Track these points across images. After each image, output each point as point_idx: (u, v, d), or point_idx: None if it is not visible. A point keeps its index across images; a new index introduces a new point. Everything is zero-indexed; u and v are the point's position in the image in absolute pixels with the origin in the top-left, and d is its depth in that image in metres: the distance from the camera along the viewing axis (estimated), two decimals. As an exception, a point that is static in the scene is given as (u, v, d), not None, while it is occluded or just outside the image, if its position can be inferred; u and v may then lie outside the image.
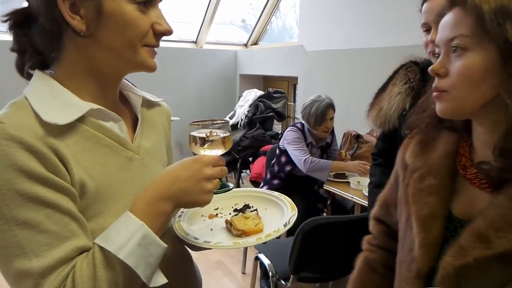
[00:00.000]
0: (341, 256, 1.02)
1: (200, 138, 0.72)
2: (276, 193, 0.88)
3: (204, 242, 0.71)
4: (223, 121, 0.74)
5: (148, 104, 0.83)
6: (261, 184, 3.01)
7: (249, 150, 4.08)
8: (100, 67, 0.67)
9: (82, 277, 0.58)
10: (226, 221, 0.79)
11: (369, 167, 2.58)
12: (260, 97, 4.36)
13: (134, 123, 0.78)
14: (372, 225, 1.03)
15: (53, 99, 0.63)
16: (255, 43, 5.40)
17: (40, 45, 0.65)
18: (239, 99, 4.68)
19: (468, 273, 0.66)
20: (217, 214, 0.84)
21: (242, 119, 4.24)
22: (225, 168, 0.71)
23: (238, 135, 4.16)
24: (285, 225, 0.74)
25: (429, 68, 0.70)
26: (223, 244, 0.71)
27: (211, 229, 0.79)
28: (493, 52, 0.63)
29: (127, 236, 0.60)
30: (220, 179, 0.71)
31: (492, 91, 0.65)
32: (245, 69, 5.24)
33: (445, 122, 0.80)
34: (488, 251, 0.64)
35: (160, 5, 0.69)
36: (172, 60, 4.84)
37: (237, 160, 4.14)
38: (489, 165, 0.70)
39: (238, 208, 0.85)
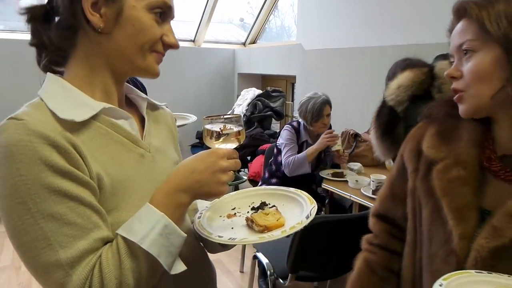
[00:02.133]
0: (339, 255, 1.02)
1: (215, 132, 0.75)
2: (292, 189, 0.88)
3: (229, 239, 0.72)
4: (236, 116, 0.77)
5: (152, 107, 0.87)
6: (260, 183, 3.01)
7: (248, 149, 4.07)
8: (109, 65, 0.71)
9: (109, 266, 0.61)
10: (247, 219, 0.79)
11: (333, 133, 2.65)
12: (258, 96, 4.36)
13: (141, 123, 0.82)
14: (372, 223, 1.01)
15: (67, 99, 0.67)
16: (254, 42, 5.39)
17: (56, 40, 0.69)
18: (237, 98, 4.67)
19: (502, 254, 0.68)
20: (235, 214, 0.85)
21: (240, 118, 4.24)
22: (239, 160, 0.75)
23: (236, 134, 4.15)
24: (307, 217, 0.75)
25: (445, 73, 0.79)
26: (249, 239, 0.73)
27: (232, 228, 0.80)
28: (497, 49, 0.71)
29: (149, 226, 0.63)
30: (234, 171, 0.74)
31: (503, 84, 0.72)
32: (244, 68, 5.24)
33: None
34: None
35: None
36: (170, 59, 4.80)
37: (235, 159, 4.13)
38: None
39: (255, 206, 0.85)
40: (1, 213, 0.60)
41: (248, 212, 0.84)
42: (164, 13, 0.72)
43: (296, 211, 0.81)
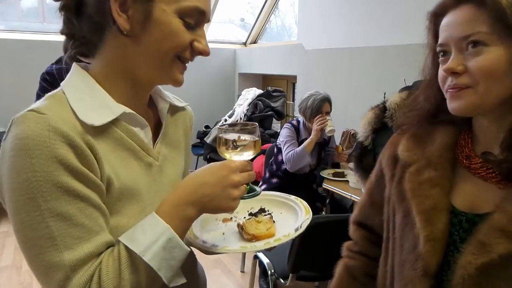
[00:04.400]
0: (340, 255, 1.01)
1: (229, 142, 0.73)
2: (292, 197, 0.87)
3: (211, 245, 0.71)
4: (252, 124, 0.75)
5: (173, 110, 0.84)
6: (260, 183, 3.01)
7: (248, 149, 4.07)
8: (134, 69, 0.68)
9: (108, 274, 0.59)
10: (238, 225, 0.78)
11: (326, 119, 2.68)
12: (259, 96, 4.36)
13: (156, 126, 0.79)
14: (352, 230, 1.00)
15: (89, 99, 0.65)
16: (254, 42, 5.39)
17: (86, 31, 0.67)
18: (238, 98, 4.67)
19: (490, 272, 0.63)
20: (231, 218, 0.84)
21: (241, 118, 4.24)
22: (253, 172, 0.73)
23: (237, 134, 4.15)
24: (296, 230, 0.72)
25: (444, 67, 0.68)
26: (230, 248, 0.71)
27: (223, 233, 0.78)
28: None
29: (153, 238, 0.61)
30: (247, 183, 0.72)
31: None
32: (244, 68, 5.23)
33: (441, 117, 0.79)
34: None
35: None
36: (171, 59, 4.83)
37: (236, 159, 4.13)
38: (495, 156, 0.69)
39: (253, 212, 0.84)
40: (9, 205, 0.59)
41: (244, 217, 0.83)
42: (197, 19, 0.68)
43: (291, 221, 0.79)
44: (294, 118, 3.00)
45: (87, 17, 0.65)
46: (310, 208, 0.80)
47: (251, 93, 4.41)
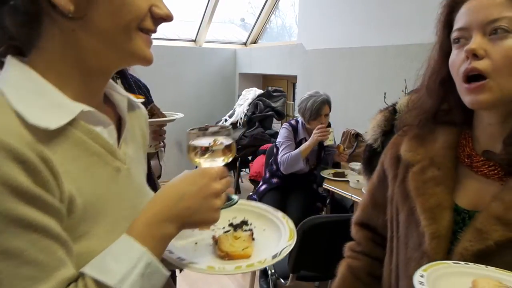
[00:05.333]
0: (340, 255, 1.01)
1: (203, 148, 0.66)
2: (280, 214, 0.79)
3: (177, 258, 0.64)
4: (226, 127, 0.69)
5: (130, 106, 0.73)
6: (260, 183, 3.02)
7: (249, 149, 4.07)
8: (88, 57, 0.57)
9: None
10: (213, 237, 0.71)
11: (325, 128, 2.66)
12: (259, 96, 4.36)
13: (117, 126, 0.68)
14: (355, 231, 1.00)
15: (36, 97, 0.53)
16: (255, 42, 5.39)
17: (13, 30, 0.54)
18: (238, 98, 4.67)
19: (486, 258, 0.65)
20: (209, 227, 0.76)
21: (241, 118, 4.24)
22: (230, 179, 0.66)
23: (237, 134, 4.15)
24: (274, 257, 0.66)
25: (466, 48, 0.66)
26: (196, 266, 0.64)
27: (196, 243, 0.71)
28: None
29: (129, 266, 0.52)
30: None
31: None
32: (245, 68, 5.23)
33: (441, 117, 0.80)
34: (510, 234, 0.64)
35: None
36: (171, 59, 4.83)
37: (236, 159, 4.14)
38: (497, 154, 0.70)
39: (234, 224, 0.77)
40: None
41: (223, 227, 0.76)
42: None
43: (272, 243, 0.72)
44: (294, 118, 3.00)
45: (12, 10, 0.52)
46: (295, 232, 0.73)
47: (251, 93, 4.41)
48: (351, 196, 2.36)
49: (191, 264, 0.64)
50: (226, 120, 4.35)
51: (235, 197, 0.72)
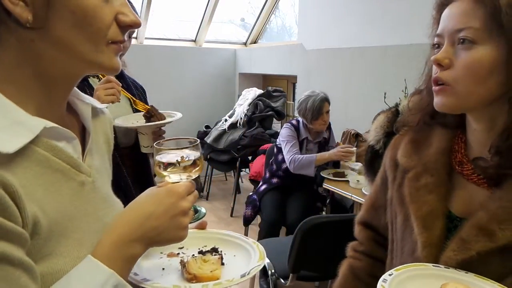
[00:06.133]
0: (340, 255, 1.01)
1: (170, 164, 0.64)
2: (250, 240, 0.78)
3: (142, 279, 0.63)
4: (193, 140, 0.67)
5: (94, 113, 0.70)
6: (260, 183, 3.02)
7: (249, 149, 4.07)
8: (49, 68, 0.54)
9: None
10: (181, 262, 0.69)
11: (351, 149, 2.69)
12: (259, 96, 4.36)
13: (81, 136, 0.65)
14: (358, 230, 1.00)
15: None
16: (255, 42, 5.39)
17: None
18: (238, 98, 4.67)
19: (470, 268, 0.65)
20: (178, 254, 0.74)
21: (241, 118, 4.24)
22: (197, 193, 0.65)
23: (237, 134, 4.15)
24: (242, 276, 0.65)
25: (432, 58, 0.68)
26: (159, 285, 0.62)
27: (163, 269, 0.70)
28: (503, 47, 0.61)
29: None
30: None
31: (498, 88, 0.64)
32: (245, 68, 5.23)
33: (438, 118, 0.80)
34: (492, 244, 0.64)
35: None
36: (171, 59, 4.83)
37: (236, 159, 4.14)
38: (485, 161, 0.70)
39: (203, 251, 0.75)
40: None
41: (193, 255, 0.74)
42: None
43: (243, 265, 0.71)
44: (294, 118, 3.01)
45: None
46: (265, 254, 0.72)
47: (251, 93, 4.41)
48: (351, 196, 2.36)
49: (155, 284, 0.62)
50: (226, 120, 4.35)
51: (202, 210, 0.72)
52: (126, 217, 0.58)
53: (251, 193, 3.06)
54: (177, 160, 0.64)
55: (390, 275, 0.60)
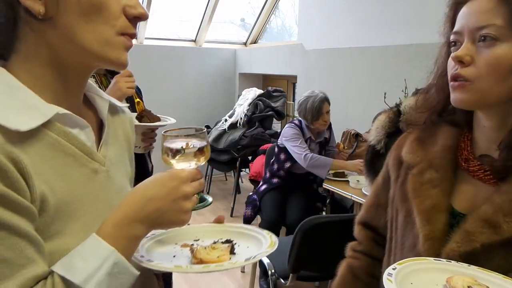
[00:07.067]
0: (340, 255, 1.01)
1: (176, 150, 0.66)
2: (265, 232, 0.78)
3: (147, 260, 0.64)
4: (200, 129, 0.69)
5: (113, 110, 0.74)
6: (261, 183, 3.02)
7: (249, 149, 4.07)
8: (61, 58, 0.58)
9: None
10: (191, 248, 0.71)
11: None
12: (259, 96, 4.36)
13: (98, 129, 0.69)
14: (357, 230, 1.00)
15: (10, 99, 0.54)
16: (255, 42, 5.39)
17: None
18: (238, 98, 4.67)
19: (473, 260, 0.65)
20: (192, 245, 0.75)
21: (241, 118, 4.24)
22: (203, 181, 0.66)
23: (237, 134, 4.15)
24: (246, 259, 0.66)
25: (452, 55, 0.68)
26: (162, 265, 0.64)
27: (174, 256, 0.71)
28: None
29: (95, 264, 0.52)
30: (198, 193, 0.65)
31: None
32: (245, 68, 5.24)
33: (445, 116, 0.80)
34: (496, 237, 0.64)
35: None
36: (171, 59, 4.83)
37: (236, 159, 4.14)
38: (492, 158, 0.70)
39: (216, 241, 0.76)
40: None
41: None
42: None
43: (253, 253, 0.71)
44: (295, 118, 3.01)
45: None
46: (277, 243, 0.72)
47: (251, 93, 4.41)
48: (351, 196, 2.36)
49: (159, 264, 0.64)
50: (226, 120, 4.35)
51: (209, 198, 0.73)
52: (130, 199, 0.60)
53: (251, 193, 3.06)
54: (182, 147, 0.66)
55: (394, 269, 0.59)
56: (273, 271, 2.07)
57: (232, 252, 0.70)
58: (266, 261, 2.13)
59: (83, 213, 0.59)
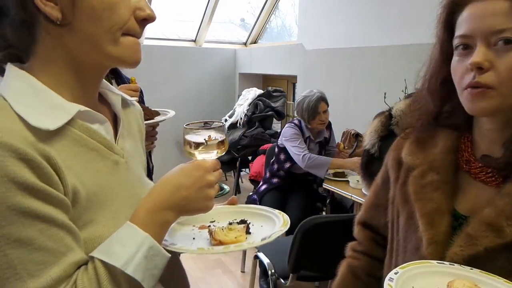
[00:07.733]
0: (340, 255, 1.01)
1: (198, 142, 0.71)
2: (276, 211, 0.83)
3: (170, 243, 0.69)
4: (219, 123, 0.74)
5: (124, 104, 0.79)
6: (261, 183, 3.02)
7: (249, 149, 4.08)
8: (78, 60, 0.62)
9: None
10: (209, 230, 0.75)
11: None
12: (259, 96, 4.36)
13: (113, 123, 0.74)
14: (357, 230, 1.00)
15: (36, 100, 0.58)
16: (255, 42, 5.39)
17: (12, 37, 0.60)
18: (238, 98, 4.67)
19: (477, 264, 0.65)
20: (209, 226, 0.80)
21: (241, 118, 4.24)
22: (221, 171, 0.72)
23: (237, 134, 4.15)
24: (263, 239, 0.71)
25: (470, 61, 0.64)
26: (186, 247, 0.70)
27: (194, 238, 0.76)
28: None
29: (133, 249, 0.58)
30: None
31: None
32: (245, 68, 5.24)
33: (442, 120, 0.79)
34: (499, 240, 0.64)
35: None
36: (171, 59, 4.83)
37: (236, 159, 4.14)
38: (494, 158, 0.70)
39: (232, 222, 0.80)
40: None
41: (223, 227, 0.79)
42: None
43: (268, 234, 0.75)
44: (295, 118, 3.01)
45: (11, 21, 0.58)
46: (289, 222, 0.77)
47: (251, 93, 4.42)
48: (351, 196, 2.36)
49: (183, 247, 0.69)
50: (226, 120, 4.35)
51: (226, 187, 0.77)
52: (159, 188, 0.65)
53: (251, 193, 3.07)
54: (205, 139, 0.71)
55: (395, 273, 0.59)
56: (273, 271, 2.07)
57: (247, 232, 0.75)
58: (266, 261, 2.13)
59: (110, 202, 0.64)
